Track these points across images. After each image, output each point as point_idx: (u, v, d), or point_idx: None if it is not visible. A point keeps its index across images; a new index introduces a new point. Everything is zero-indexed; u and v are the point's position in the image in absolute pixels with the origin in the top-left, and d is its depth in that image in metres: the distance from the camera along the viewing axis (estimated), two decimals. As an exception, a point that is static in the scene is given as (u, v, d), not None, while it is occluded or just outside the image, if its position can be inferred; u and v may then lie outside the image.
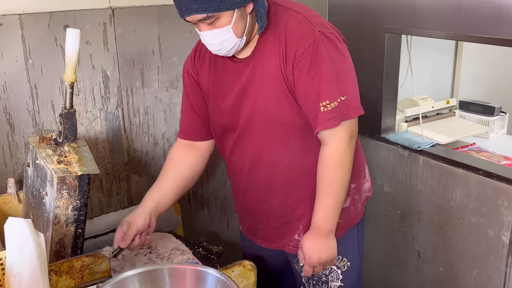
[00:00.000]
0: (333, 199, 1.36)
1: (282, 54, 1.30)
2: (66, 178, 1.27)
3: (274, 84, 1.33)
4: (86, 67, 1.66)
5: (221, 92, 1.42)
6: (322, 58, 1.27)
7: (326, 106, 1.28)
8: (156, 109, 1.83)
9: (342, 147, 1.33)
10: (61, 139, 1.38)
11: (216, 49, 1.31)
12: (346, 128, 1.33)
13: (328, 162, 1.34)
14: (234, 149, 1.46)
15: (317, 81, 1.28)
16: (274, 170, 1.41)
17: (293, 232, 1.48)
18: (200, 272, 1.14)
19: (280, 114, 1.35)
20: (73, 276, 1.22)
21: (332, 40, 1.30)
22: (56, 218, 1.29)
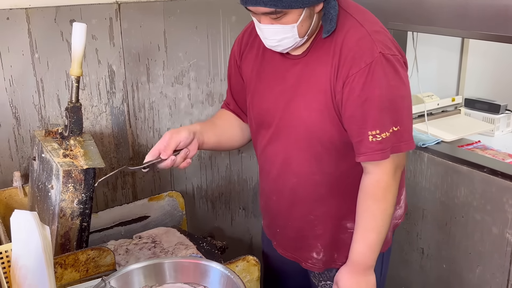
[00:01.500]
0: (374, 234, 1.28)
1: (335, 67, 1.20)
2: (71, 171, 1.28)
3: (320, 96, 1.23)
4: (92, 62, 1.67)
5: (263, 85, 1.35)
6: (377, 82, 1.16)
7: (376, 136, 1.19)
8: (161, 104, 1.83)
9: (385, 180, 1.24)
10: (67, 133, 1.38)
11: (273, 44, 1.22)
12: (392, 161, 1.23)
13: (369, 194, 1.26)
14: (266, 148, 1.40)
15: (367, 106, 1.17)
16: (300, 182, 1.34)
17: (311, 249, 1.42)
18: (204, 266, 1.14)
19: (319, 129, 1.26)
20: (78, 269, 1.23)
21: (393, 63, 1.18)
22: (62, 211, 1.29)
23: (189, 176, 1.97)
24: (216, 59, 1.88)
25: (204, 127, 1.42)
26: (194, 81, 1.86)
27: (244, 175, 2.10)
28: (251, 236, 2.21)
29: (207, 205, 2.07)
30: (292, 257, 1.49)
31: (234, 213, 2.15)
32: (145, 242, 1.58)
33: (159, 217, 1.76)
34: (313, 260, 1.43)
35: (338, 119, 1.24)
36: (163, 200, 1.76)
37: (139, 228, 1.71)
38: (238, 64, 1.43)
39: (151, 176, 1.90)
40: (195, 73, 1.86)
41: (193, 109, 1.90)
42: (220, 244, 1.68)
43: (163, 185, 1.92)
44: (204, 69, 1.87)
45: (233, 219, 2.15)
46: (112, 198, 1.84)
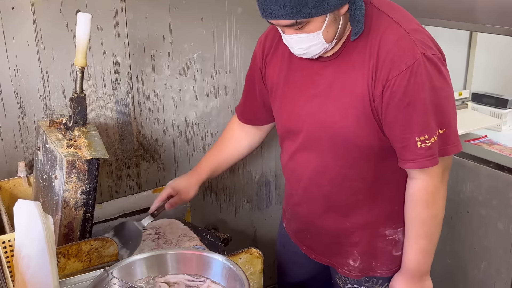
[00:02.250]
0: (425, 240, 1.24)
1: (373, 70, 1.14)
2: (75, 162, 1.27)
3: (356, 101, 1.17)
4: (97, 53, 1.66)
5: (293, 90, 1.29)
6: (421, 85, 1.11)
7: (425, 142, 1.13)
8: (166, 96, 1.83)
9: (433, 184, 1.19)
10: (71, 124, 1.38)
11: (301, 53, 1.18)
12: (440, 164, 1.17)
13: (417, 200, 1.21)
14: (295, 155, 1.34)
15: (411, 110, 1.12)
16: (336, 189, 1.29)
17: (347, 256, 1.38)
18: (206, 257, 1.14)
19: (356, 136, 1.20)
20: (81, 259, 1.23)
21: (435, 63, 1.12)
22: (65, 202, 1.29)
23: (193, 168, 1.97)
24: (222, 51, 1.87)
25: (212, 170, 1.51)
26: (199, 73, 1.86)
27: (249, 168, 2.10)
28: (255, 228, 2.21)
29: (211, 197, 2.06)
30: (326, 262, 1.45)
31: (238, 205, 2.14)
32: (149, 234, 1.58)
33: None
34: (349, 267, 1.39)
35: (377, 125, 1.19)
36: (167, 191, 1.75)
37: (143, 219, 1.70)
38: (260, 68, 1.38)
39: (155, 168, 1.90)
40: (200, 65, 1.85)
41: (198, 101, 1.89)
42: (224, 236, 1.67)
43: (168, 176, 1.92)
44: (209, 61, 1.86)
45: (237, 212, 2.15)
46: (117, 189, 1.85)
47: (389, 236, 1.33)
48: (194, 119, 1.91)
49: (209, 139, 1.96)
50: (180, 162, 1.94)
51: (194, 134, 1.93)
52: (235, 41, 1.88)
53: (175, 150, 1.91)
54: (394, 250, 1.35)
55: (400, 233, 1.33)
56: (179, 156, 1.93)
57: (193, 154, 1.95)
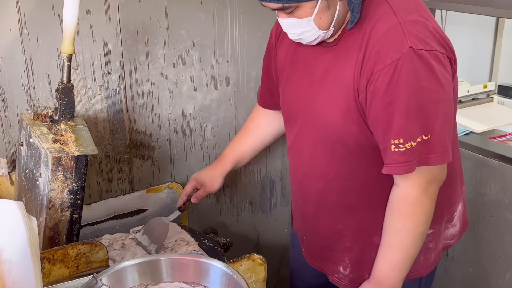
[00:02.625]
0: (398, 253, 1.25)
1: (360, 61, 1.16)
2: (61, 158, 1.28)
3: (343, 94, 1.20)
4: (86, 39, 1.67)
5: (295, 75, 1.34)
6: (405, 83, 1.10)
7: (399, 146, 1.14)
8: (162, 87, 1.83)
9: (414, 194, 1.20)
10: (57, 117, 1.39)
11: (295, 38, 1.23)
12: (422, 174, 1.17)
13: (395, 209, 1.23)
14: (293, 145, 1.39)
15: (391, 110, 1.13)
16: (327, 187, 1.33)
17: (338, 262, 1.41)
18: (204, 264, 1.15)
19: (342, 131, 1.23)
20: (68, 264, 1.24)
21: (427, 60, 1.11)
22: (51, 202, 1.30)
23: (191, 166, 1.97)
24: (223, 38, 1.87)
25: (236, 161, 1.59)
26: (198, 62, 1.86)
27: (252, 166, 2.10)
28: (258, 233, 2.21)
29: (210, 199, 2.07)
30: (319, 267, 1.48)
31: (239, 207, 2.15)
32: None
33: (158, 210, 1.76)
34: (340, 274, 1.41)
35: (363, 122, 1.20)
36: (162, 192, 1.77)
37: (135, 222, 1.72)
38: (274, 47, 1.43)
39: (149, 166, 1.91)
40: (199, 53, 1.85)
41: (196, 93, 1.89)
42: (224, 241, 1.68)
43: (163, 175, 1.93)
44: (209, 49, 1.86)
45: (239, 214, 2.15)
46: (107, 188, 1.85)
47: None
48: (192, 113, 1.91)
49: (208, 134, 1.96)
50: (176, 160, 1.94)
51: (192, 129, 1.93)
52: (237, 26, 1.88)
53: (171, 146, 1.92)
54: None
55: None
56: (175, 153, 1.93)
57: (190, 150, 1.95)
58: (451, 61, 1.18)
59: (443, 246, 1.42)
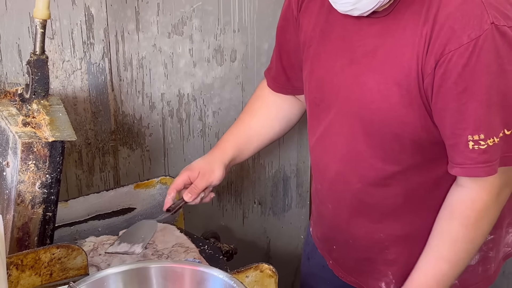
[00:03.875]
0: (448, 265, 1.26)
1: (426, 38, 1.14)
2: (33, 144, 1.29)
3: (402, 76, 1.18)
4: (64, 2, 1.67)
5: (327, 50, 1.31)
6: (485, 66, 1.10)
7: (479, 143, 1.13)
8: (154, 61, 1.83)
9: (485, 200, 1.20)
10: (28, 95, 1.39)
11: (348, 9, 1.18)
12: (499, 176, 1.17)
13: (457, 214, 1.22)
14: (323, 137, 1.38)
15: (467, 99, 1.12)
16: (368, 188, 1.32)
17: (379, 277, 1.41)
18: (201, 273, 1.15)
19: (397, 121, 1.21)
20: (39, 272, 1.25)
21: (511, 39, 1.11)
22: (20, 197, 1.31)
23: (188, 158, 1.98)
24: (228, 2, 1.87)
25: (239, 147, 1.53)
26: (198, 31, 1.86)
27: (262, 159, 2.10)
28: (268, 239, 2.22)
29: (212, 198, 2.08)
30: (354, 283, 1.48)
31: (247, 208, 2.15)
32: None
33: (148, 209, 1.77)
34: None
35: (426, 111, 1.19)
36: (154, 187, 1.77)
37: (121, 223, 1.72)
38: (296, 16, 1.40)
39: (138, 156, 1.91)
40: (200, 21, 1.85)
41: (196, 69, 1.89)
42: (227, 247, 1.69)
43: (154, 168, 1.94)
44: (212, 15, 1.86)
45: (246, 217, 2.16)
46: (88, 183, 1.86)
47: None
48: (190, 93, 1.91)
49: (209, 119, 1.96)
50: (171, 149, 1.95)
51: (190, 112, 1.93)
52: (246, -12, 1.89)
53: (165, 133, 1.93)
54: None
55: None
56: (169, 141, 1.94)
57: (188, 138, 1.96)
58: None
59: (503, 255, 1.43)
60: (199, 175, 1.49)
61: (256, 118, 1.57)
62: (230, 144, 1.54)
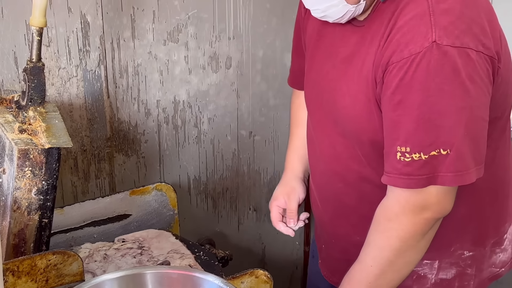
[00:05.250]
0: (359, 270, 1.30)
1: (381, 48, 1.17)
2: (29, 151, 1.29)
3: (364, 85, 1.22)
4: (60, 10, 1.68)
5: (320, 54, 1.37)
6: (420, 83, 1.11)
7: (405, 155, 1.14)
8: (150, 69, 1.84)
9: (395, 211, 1.21)
10: (24, 102, 1.40)
11: (320, 15, 1.24)
12: (419, 194, 1.17)
13: (375, 218, 1.26)
14: (312, 138, 1.43)
15: (401, 111, 1.14)
16: (346, 190, 1.36)
17: None
18: (197, 279, 1.16)
19: (366, 127, 1.25)
20: (35, 278, 1.25)
21: (452, 59, 1.10)
22: (16, 203, 1.31)
23: (184, 165, 1.99)
24: (224, 9, 1.88)
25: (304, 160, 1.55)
26: (194, 38, 1.87)
27: (257, 165, 2.11)
28: (263, 245, 2.23)
29: (207, 203, 2.08)
30: (337, 284, 1.47)
31: (242, 214, 2.16)
32: (129, 248, 1.60)
33: (143, 216, 1.77)
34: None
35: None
36: (149, 194, 1.77)
37: (117, 229, 1.73)
38: (303, 17, 1.46)
39: (134, 163, 1.92)
40: (195, 28, 1.86)
41: (191, 76, 1.90)
42: (222, 253, 1.69)
43: (150, 174, 1.94)
44: (207, 23, 1.87)
45: (241, 223, 2.17)
46: (83, 189, 1.87)
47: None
48: (186, 100, 1.92)
49: (205, 126, 1.97)
50: (166, 156, 1.96)
51: (185, 119, 1.94)
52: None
53: (160, 139, 1.93)
54: (416, 287, 1.37)
55: (427, 267, 1.35)
56: (165, 148, 1.95)
57: (183, 145, 1.97)
58: (493, 60, 1.15)
59: (489, 276, 1.42)
60: (286, 199, 1.54)
61: (297, 132, 1.59)
62: (295, 160, 1.58)
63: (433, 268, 1.36)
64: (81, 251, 1.55)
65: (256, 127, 2.05)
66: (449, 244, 1.34)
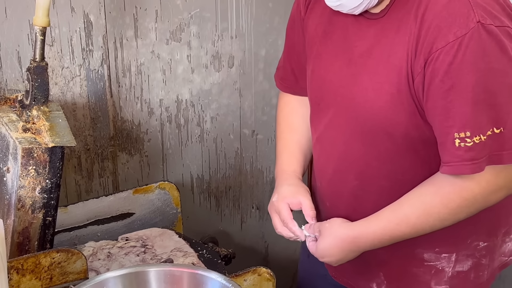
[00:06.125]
0: (409, 231, 1.26)
1: (415, 38, 1.15)
2: (33, 150, 1.30)
3: (393, 76, 1.20)
4: (63, 10, 1.68)
5: (328, 51, 1.34)
6: (472, 64, 1.10)
7: (465, 140, 1.13)
8: (153, 68, 1.84)
9: (475, 192, 1.19)
10: (28, 101, 1.40)
11: (335, 4, 1.22)
12: (495, 174, 1.17)
13: (442, 192, 1.21)
14: (322, 136, 1.40)
15: (454, 96, 1.12)
16: (363, 186, 1.33)
17: (371, 277, 1.42)
18: (200, 277, 1.16)
19: (389, 120, 1.23)
20: (40, 276, 1.26)
21: (499, 38, 1.10)
22: (20, 202, 1.32)
23: (187, 163, 1.99)
24: (226, 8, 1.88)
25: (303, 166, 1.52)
26: (196, 38, 1.87)
27: (260, 164, 2.11)
28: (266, 243, 2.23)
29: (210, 202, 2.08)
30: (346, 283, 1.49)
31: (244, 213, 2.16)
32: (133, 246, 1.60)
33: (147, 215, 1.78)
34: None
35: (417, 109, 1.20)
36: (152, 193, 1.78)
37: (120, 228, 1.73)
38: (302, 16, 1.43)
39: (137, 161, 1.92)
40: (198, 28, 1.86)
41: (194, 75, 1.90)
42: (225, 252, 1.70)
43: (153, 173, 1.94)
44: (210, 22, 1.87)
45: (244, 221, 2.17)
46: (87, 188, 1.87)
47: (428, 261, 1.35)
48: (188, 99, 1.92)
49: (208, 125, 1.97)
50: (169, 155, 1.96)
51: (188, 118, 1.94)
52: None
53: (163, 138, 1.93)
54: (434, 281, 1.36)
55: (445, 261, 1.35)
56: (168, 147, 1.95)
57: (186, 144, 1.97)
58: None
59: (500, 264, 1.43)
60: (301, 198, 1.45)
61: (300, 134, 1.54)
62: (295, 164, 1.52)
63: (450, 261, 1.35)
64: (85, 250, 1.56)
65: (258, 126, 2.05)
66: (466, 237, 1.34)
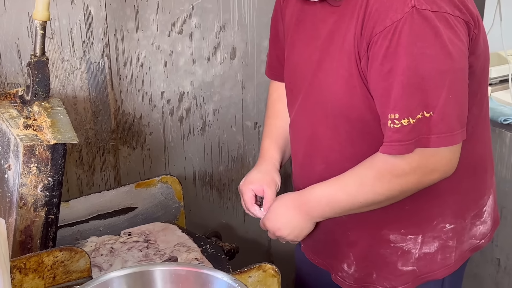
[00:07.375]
0: (346, 198, 1.32)
1: (360, 22, 1.20)
2: (35, 147, 1.29)
3: (345, 61, 1.25)
4: (63, 1, 1.67)
5: (300, 38, 1.39)
6: (405, 48, 1.14)
7: (394, 122, 1.18)
8: (154, 60, 1.84)
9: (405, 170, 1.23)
10: (29, 96, 1.39)
11: None
12: (426, 157, 1.21)
13: (376, 166, 1.27)
14: (294, 120, 1.45)
15: (390, 80, 1.17)
16: (329, 170, 1.37)
17: (342, 258, 1.47)
18: (206, 276, 1.16)
19: (345, 103, 1.27)
20: (43, 275, 1.25)
21: (433, 23, 1.13)
22: (22, 200, 1.31)
23: (189, 156, 1.99)
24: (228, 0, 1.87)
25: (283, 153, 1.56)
26: (198, 29, 1.86)
27: (262, 156, 2.11)
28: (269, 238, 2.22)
29: (212, 195, 2.08)
30: (322, 265, 1.54)
31: (248, 206, 2.16)
32: (135, 241, 1.61)
33: (149, 209, 1.78)
34: (344, 273, 1.47)
35: (368, 91, 1.24)
36: (155, 186, 1.78)
37: (122, 222, 1.73)
38: (281, 6, 1.48)
39: (139, 155, 1.92)
40: (199, 19, 1.85)
41: (195, 67, 1.90)
42: (229, 246, 1.70)
43: (155, 167, 1.94)
44: (212, 13, 1.86)
45: (247, 215, 2.16)
46: (88, 182, 1.87)
47: (394, 243, 1.39)
48: (190, 91, 1.92)
49: (210, 117, 1.97)
50: (171, 148, 1.95)
51: (190, 110, 1.94)
52: (245, -14, 1.89)
53: (165, 131, 1.93)
54: (401, 262, 1.40)
55: (411, 242, 1.38)
56: (170, 140, 1.95)
57: (188, 137, 1.97)
58: (468, 25, 1.19)
59: (470, 247, 1.45)
60: (265, 188, 1.52)
61: (285, 120, 1.56)
62: (274, 150, 1.57)
63: (416, 243, 1.38)
64: (87, 245, 1.56)
65: (261, 118, 2.04)
66: (432, 218, 1.37)
